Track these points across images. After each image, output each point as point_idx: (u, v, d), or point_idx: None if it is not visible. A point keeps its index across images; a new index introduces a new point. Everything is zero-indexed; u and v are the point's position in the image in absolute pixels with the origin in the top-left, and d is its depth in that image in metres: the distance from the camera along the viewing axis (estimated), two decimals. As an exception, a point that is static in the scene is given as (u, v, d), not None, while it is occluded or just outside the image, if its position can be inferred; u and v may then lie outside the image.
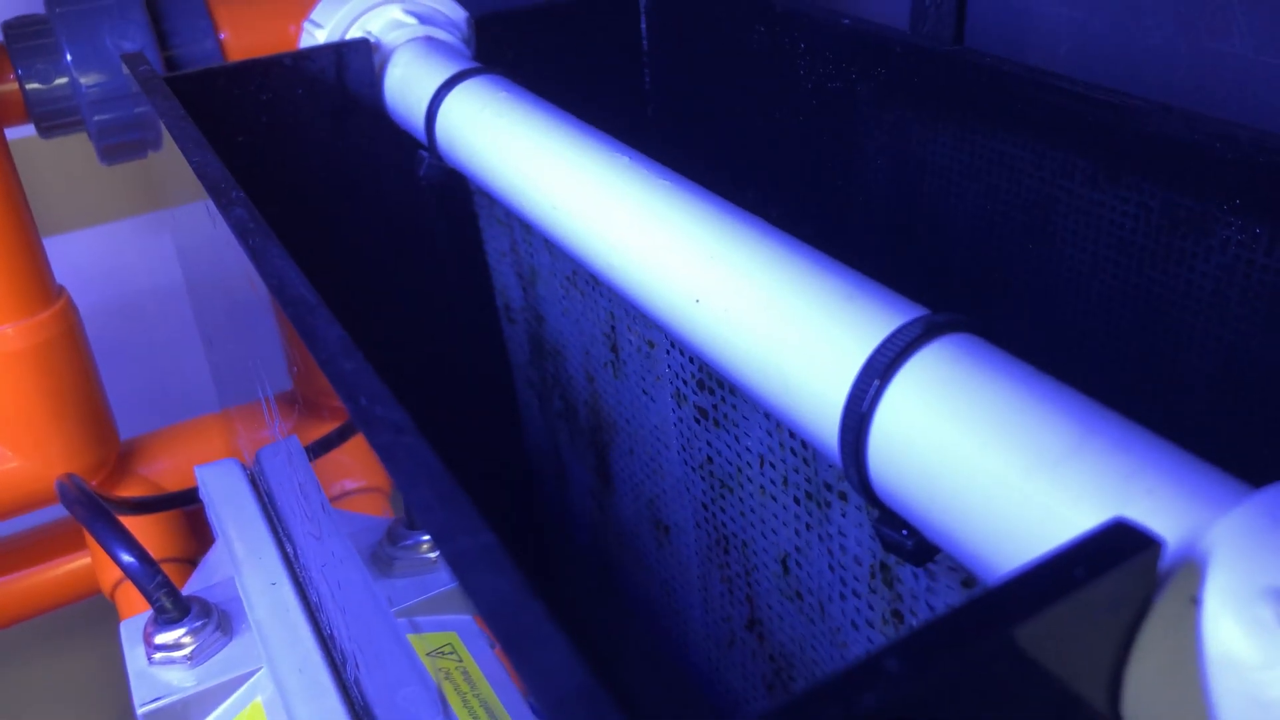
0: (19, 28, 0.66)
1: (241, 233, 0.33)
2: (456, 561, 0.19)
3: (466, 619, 0.52)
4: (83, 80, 0.67)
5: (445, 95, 0.51)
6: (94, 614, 0.87)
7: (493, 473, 0.72)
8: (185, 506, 0.71)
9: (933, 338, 0.29)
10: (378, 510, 0.77)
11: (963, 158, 0.49)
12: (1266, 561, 0.20)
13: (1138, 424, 0.25)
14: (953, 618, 0.19)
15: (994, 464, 0.25)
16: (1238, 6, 0.49)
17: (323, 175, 0.62)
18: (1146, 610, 0.21)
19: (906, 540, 0.30)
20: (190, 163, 0.39)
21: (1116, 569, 0.20)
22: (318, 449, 0.59)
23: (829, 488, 0.37)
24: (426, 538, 0.52)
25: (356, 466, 0.81)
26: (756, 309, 0.33)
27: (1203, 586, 0.20)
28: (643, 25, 0.66)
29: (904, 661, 0.18)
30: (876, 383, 0.29)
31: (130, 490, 0.75)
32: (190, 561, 0.76)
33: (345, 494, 0.81)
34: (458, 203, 0.65)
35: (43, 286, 0.68)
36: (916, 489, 0.28)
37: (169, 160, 0.57)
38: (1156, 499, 0.23)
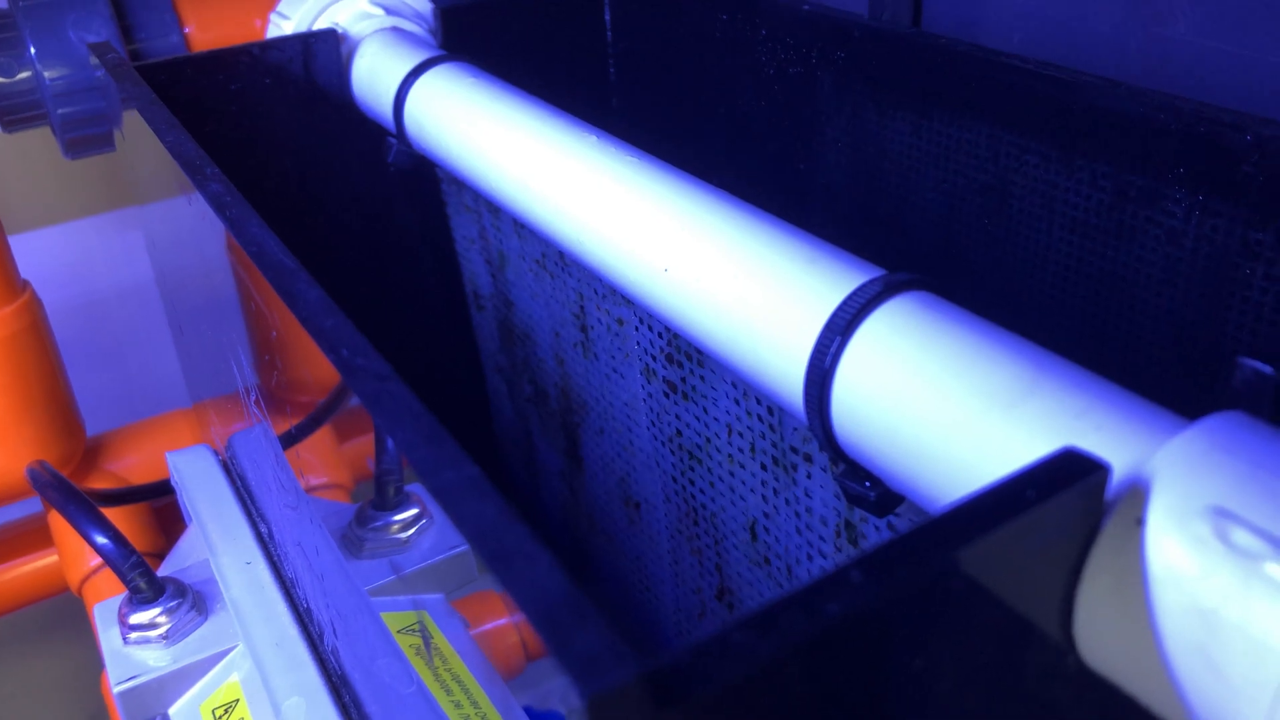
0: (-18, 21, 0.66)
1: (219, 206, 0.34)
2: (443, 492, 0.20)
3: (437, 598, 0.52)
4: (46, 74, 0.67)
5: (414, 81, 0.52)
6: (63, 613, 0.86)
7: (463, 461, 0.73)
8: (155, 499, 0.71)
9: (891, 295, 0.30)
10: (343, 506, 0.77)
11: (921, 141, 0.50)
12: (1204, 483, 0.21)
13: (1085, 369, 0.26)
14: (913, 535, 0.20)
15: (951, 409, 0.27)
16: (1180, -8, 0.51)
17: (291, 165, 0.62)
18: (1095, 534, 0.22)
19: (869, 492, 0.31)
20: (165, 143, 0.40)
21: (1066, 491, 0.21)
22: (283, 442, 0.59)
23: (795, 450, 0.38)
24: (396, 518, 0.52)
25: (319, 463, 0.81)
26: (723, 274, 0.34)
27: (1146, 508, 0.22)
28: (607, 16, 0.67)
29: (866, 574, 0.19)
30: (838, 339, 0.30)
31: (98, 485, 0.74)
32: (159, 556, 0.75)
33: (309, 490, 0.81)
34: (426, 193, 0.65)
35: (7, 280, 0.68)
36: (878, 438, 0.29)
37: (135, 153, 0.57)
38: (1104, 433, 0.24)
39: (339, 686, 0.41)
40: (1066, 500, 0.21)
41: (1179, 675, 0.21)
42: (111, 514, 0.73)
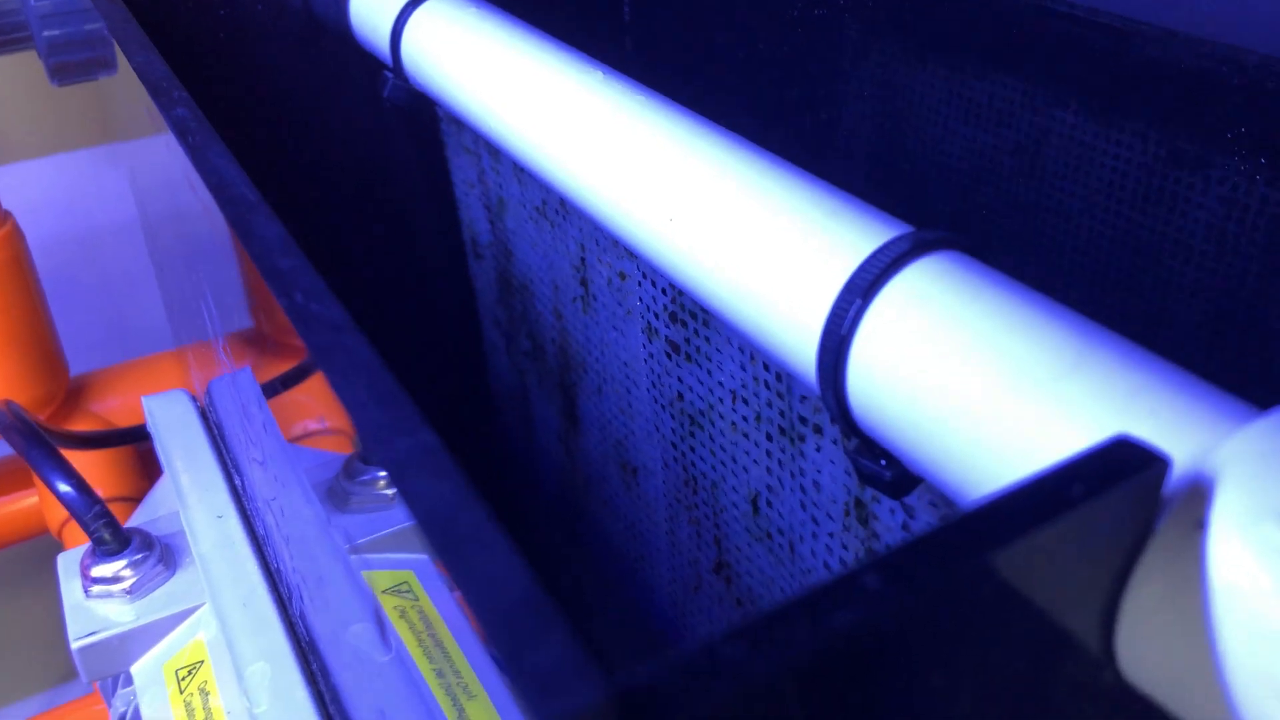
0: (-36, -64, 0.63)
1: (181, 131, 0.31)
2: (393, 463, 0.18)
3: (424, 559, 0.50)
4: (32, -7, 0.63)
5: (413, 11, 0.49)
6: (48, 556, 0.85)
7: (457, 416, 0.70)
8: (135, 443, 0.68)
9: (919, 255, 0.27)
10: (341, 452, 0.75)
11: (950, 94, 0.47)
12: (1278, 483, 0.18)
13: (1138, 345, 0.23)
14: (939, 534, 0.17)
15: (983, 384, 0.24)
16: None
17: (287, 100, 0.59)
18: (1148, 536, 0.19)
19: (885, 471, 0.28)
20: (132, 63, 0.37)
21: (1118, 488, 0.18)
22: (276, 386, 0.57)
23: (804, 421, 0.36)
24: (384, 473, 0.50)
25: (319, 407, 0.78)
26: (733, 227, 0.31)
27: (1209, 509, 0.19)
28: (622, -49, 0.63)
29: (884, 579, 0.16)
30: (858, 302, 0.27)
31: (80, 426, 0.72)
32: (139, 501, 0.73)
33: (308, 434, 0.78)
34: (425, 133, 0.62)
35: (-13, 210, 0.66)
36: (898, 414, 0.26)
37: (123, 83, 0.54)
38: (1160, 420, 0.21)
39: (307, 653, 0.38)
40: (1118, 499, 0.18)
41: (1239, 702, 0.18)
42: (94, 457, 0.70)
